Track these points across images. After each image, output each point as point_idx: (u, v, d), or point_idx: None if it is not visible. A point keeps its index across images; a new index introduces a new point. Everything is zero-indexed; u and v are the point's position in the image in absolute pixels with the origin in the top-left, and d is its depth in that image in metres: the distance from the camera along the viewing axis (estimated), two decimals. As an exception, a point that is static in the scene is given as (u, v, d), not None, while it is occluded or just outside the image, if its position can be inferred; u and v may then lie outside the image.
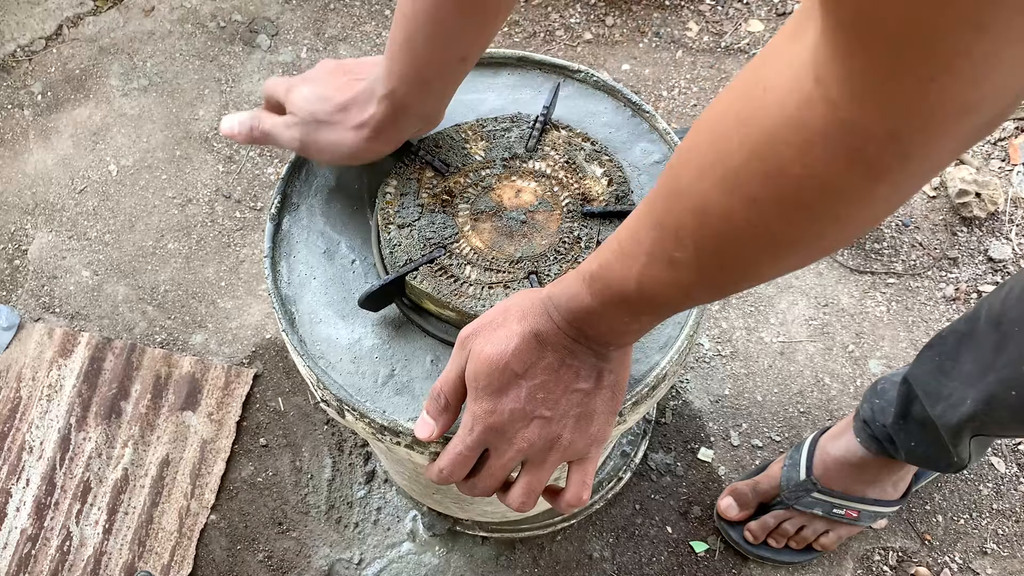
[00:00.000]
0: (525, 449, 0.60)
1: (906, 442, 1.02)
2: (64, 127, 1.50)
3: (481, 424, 0.60)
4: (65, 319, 1.34)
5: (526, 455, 0.61)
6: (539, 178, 0.76)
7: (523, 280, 0.71)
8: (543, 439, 0.60)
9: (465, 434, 0.61)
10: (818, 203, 0.41)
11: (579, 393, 0.60)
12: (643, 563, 1.18)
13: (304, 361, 0.72)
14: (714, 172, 0.44)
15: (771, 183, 0.41)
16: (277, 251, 0.78)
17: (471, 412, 0.60)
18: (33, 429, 1.24)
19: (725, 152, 0.43)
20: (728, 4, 1.62)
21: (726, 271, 0.48)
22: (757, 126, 0.41)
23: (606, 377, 0.61)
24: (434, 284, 0.70)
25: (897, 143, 0.37)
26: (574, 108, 0.85)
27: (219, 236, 1.41)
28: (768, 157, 0.40)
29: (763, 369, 1.30)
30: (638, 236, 0.50)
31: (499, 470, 0.62)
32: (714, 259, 0.47)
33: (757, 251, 0.45)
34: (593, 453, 0.62)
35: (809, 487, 1.11)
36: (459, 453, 0.61)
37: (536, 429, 0.59)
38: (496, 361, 0.58)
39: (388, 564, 1.18)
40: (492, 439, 0.60)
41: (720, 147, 0.43)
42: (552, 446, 0.60)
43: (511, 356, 0.57)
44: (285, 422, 1.27)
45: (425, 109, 0.72)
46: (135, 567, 1.16)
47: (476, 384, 0.59)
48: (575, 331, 0.58)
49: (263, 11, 1.61)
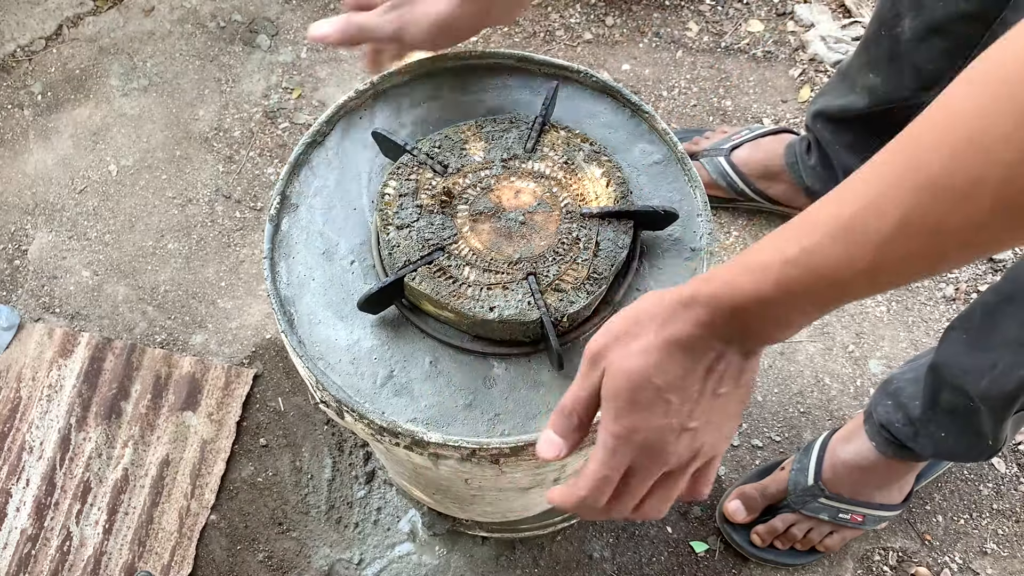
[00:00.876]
0: (672, 464, 0.56)
1: (936, 434, 1.00)
2: (64, 127, 1.50)
3: (626, 444, 0.55)
4: (65, 319, 1.34)
5: (671, 468, 0.57)
6: (538, 179, 0.76)
7: (521, 281, 0.71)
8: (689, 451, 0.56)
9: (608, 456, 0.56)
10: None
11: (720, 398, 0.56)
12: (643, 563, 1.18)
13: (303, 362, 0.72)
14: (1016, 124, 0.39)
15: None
16: (276, 252, 0.78)
17: (612, 432, 0.56)
18: (33, 429, 1.25)
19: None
20: (728, 4, 1.62)
21: (1007, 233, 0.43)
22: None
23: (744, 377, 0.57)
24: (433, 285, 0.70)
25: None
26: (573, 109, 0.85)
27: (219, 236, 1.41)
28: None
29: (763, 369, 1.30)
30: (881, 207, 0.44)
31: (642, 488, 0.58)
32: (998, 223, 0.42)
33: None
34: (722, 450, 0.60)
35: (817, 492, 1.11)
36: (604, 477, 0.57)
37: (684, 442, 0.56)
38: (638, 377, 0.54)
39: (388, 564, 1.18)
40: (637, 458, 0.56)
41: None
42: (696, 454, 0.57)
43: (654, 370, 0.53)
44: (285, 422, 1.27)
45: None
46: (135, 567, 1.17)
47: (617, 402, 0.55)
48: (729, 332, 0.53)
49: (263, 11, 1.61)
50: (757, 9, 1.62)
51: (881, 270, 0.46)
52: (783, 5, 1.62)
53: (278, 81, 1.54)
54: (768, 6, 1.62)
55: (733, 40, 1.58)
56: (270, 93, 1.53)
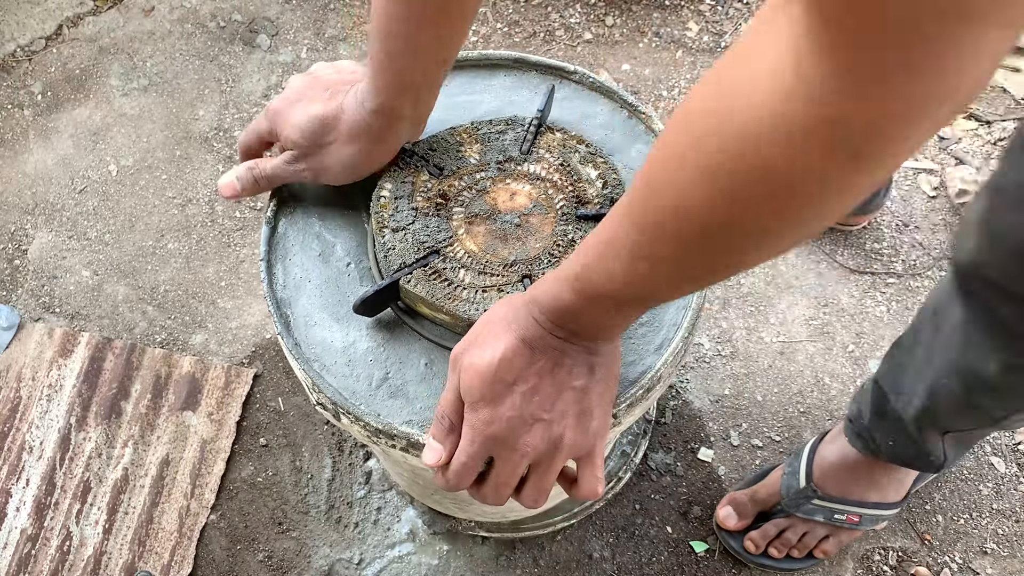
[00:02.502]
0: (529, 454, 0.61)
1: (884, 441, 1.02)
2: (64, 127, 1.50)
3: (481, 435, 0.60)
4: (65, 319, 1.34)
5: (531, 459, 0.61)
6: (533, 181, 0.76)
7: (517, 284, 0.71)
8: (545, 442, 0.60)
9: (467, 445, 0.61)
10: (800, 195, 0.41)
11: (574, 391, 0.60)
12: (643, 563, 1.18)
13: (299, 364, 0.72)
14: (694, 169, 0.44)
15: (753, 178, 0.41)
16: (273, 254, 0.78)
17: (470, 424, 0.61)
18: (33, 429, 1.25)
19: (704, 150, 0.43)
20: (728, 4, 1.62)
21: (709, 263, 0.49)
22: (736, 122, 0.41)
23: (598, 371, 0.61)
24: (428, 288, 0.70)
25: (880, 134, 0.37)
26: (570, 110, 0.85)
27: (219, 236, 1.41)
28: (749, 154, 0.41)
29: (763, 369, 1.30)
30: (617, 235, 0.51)
31: (506, 476, 0.62)
32: (697, 253, 0.48)
33: (740, 242, 0.46)
34: (598, 447, 0.63)
35: (809, 494, 1.10)
36: (463, 463, 0.62)
37: (538, 433, 0.60)
38: (486, 372, 0.58)
39: (388, 564, 1.18)
40: (494, 448, 0.61)
41: (699, 145, 0.43)
42: (556, 447, 0.61)
43: (499, 364, 0.58)
44: (285, 422, 1.27)
45: (416, 112, 0.73)
46: (135, 567, 1.17)
47: (470, 398, 0.60)
48: (562, 331, 0.59)
49: (263, 11, 1.61)
50: (757, 9, 1.61)
51: (636, 286, 0.52)
52: (784, 4, 1.61)
53: (278, 81, 1.54)
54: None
55: (733, 40, 1.58)
56: (270, 93, 1.53)
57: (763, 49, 0.39)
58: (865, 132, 0.37)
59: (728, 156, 0.42)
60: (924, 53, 0.33)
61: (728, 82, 0.42)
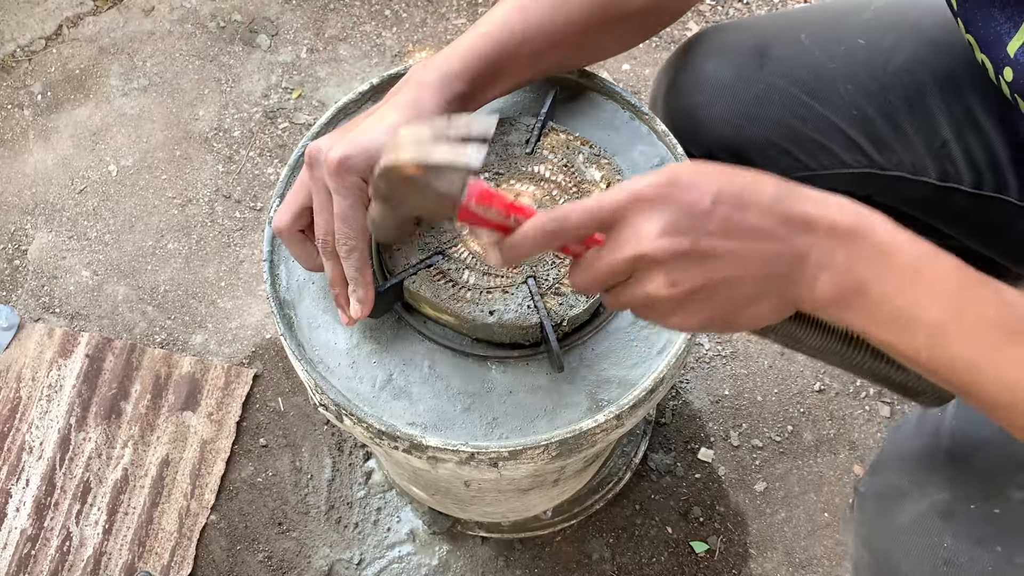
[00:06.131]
0: (680, 284, 0.52)
1: None
2: (64, 127, 1.50)
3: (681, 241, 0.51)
4: (65, 319, 1.34)
5: (672, 289, 0.52)
6: (538, 181, 0.76)
7: (521, 285, 0.71)
8: (702, 287, 0.52)
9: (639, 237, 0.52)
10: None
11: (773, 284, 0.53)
12: (643, 563, 1.18)
13: (302, 366, 0.72)
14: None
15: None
16: (276, 255, 0.78)
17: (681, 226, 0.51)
18: (33, 429, 1.25)
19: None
20: (728, 4, 1.62)
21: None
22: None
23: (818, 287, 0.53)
24: (433, 289, 0.70)
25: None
26: (573, 111, 0.85)
27: (219, 236, 1.41)
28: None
29: (763, 369, 1.30)
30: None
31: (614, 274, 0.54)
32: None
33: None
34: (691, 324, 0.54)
35: None
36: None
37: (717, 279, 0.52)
38: (761, 204, 0.52)
39: (388, 564, 1.18)
40: (668, 258, 0.52)
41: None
42: (689, 298, 0.52)
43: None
44: (285, 422, 1.27)
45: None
46: (135, 567, 1.17)
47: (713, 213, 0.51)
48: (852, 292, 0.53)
49: (263, 11, 1.61)
50: (757, 9, 1.62)
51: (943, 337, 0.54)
52: (783, 4, 1.62)
53: (278, 81, 1.54)
54: (768, 6, 1.62)
55: (733, 40, 1.58)
56: (270, 93, 1.53)
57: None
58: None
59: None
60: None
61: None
